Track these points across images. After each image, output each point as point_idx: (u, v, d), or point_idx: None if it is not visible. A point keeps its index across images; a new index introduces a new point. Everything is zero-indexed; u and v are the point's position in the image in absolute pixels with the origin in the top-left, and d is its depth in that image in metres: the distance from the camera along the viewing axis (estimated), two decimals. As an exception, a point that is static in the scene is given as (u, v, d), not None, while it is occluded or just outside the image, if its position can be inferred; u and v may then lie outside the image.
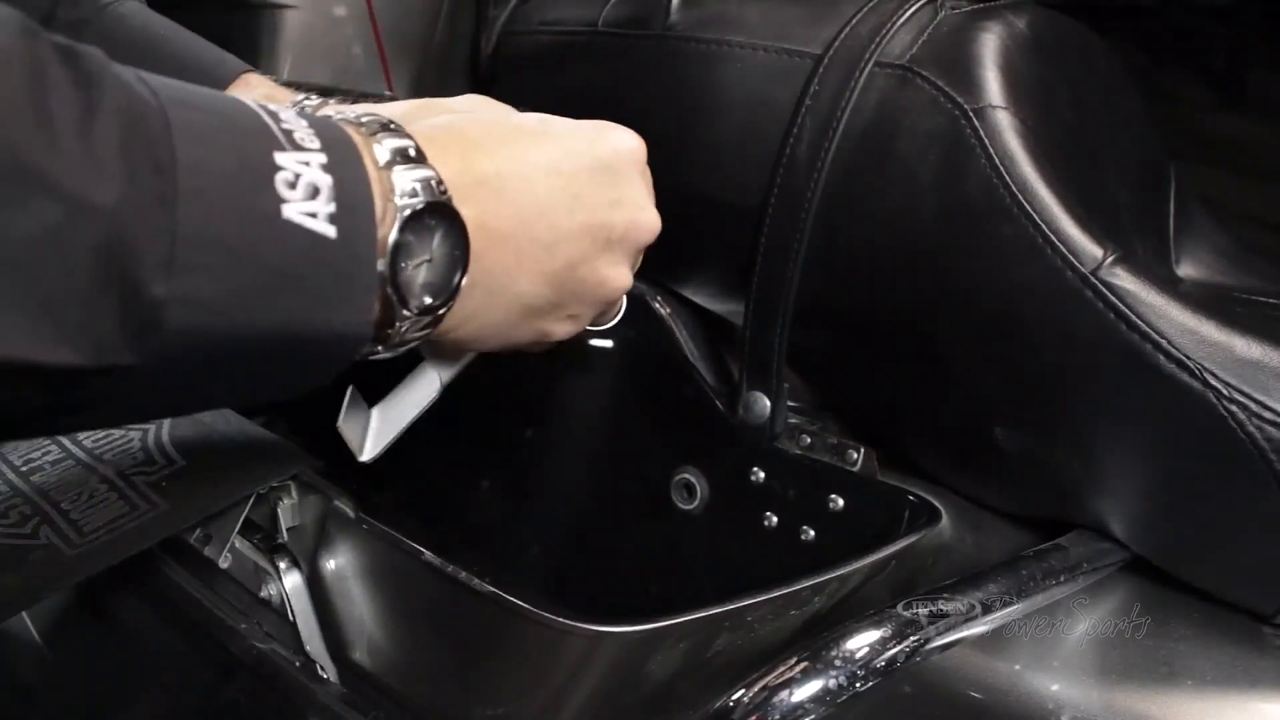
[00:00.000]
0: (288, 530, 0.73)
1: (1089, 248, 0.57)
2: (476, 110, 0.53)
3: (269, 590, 0.74)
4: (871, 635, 0.55)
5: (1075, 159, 0.65)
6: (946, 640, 0.57)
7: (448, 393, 0.56)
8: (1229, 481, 0.55)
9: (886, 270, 0.66)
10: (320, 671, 0.71)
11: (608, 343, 0.82)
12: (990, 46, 0.64)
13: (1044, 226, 0.58)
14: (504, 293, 0.48)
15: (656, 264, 0.82)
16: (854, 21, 0.69)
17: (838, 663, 0.54)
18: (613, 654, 0.59)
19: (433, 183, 0.42)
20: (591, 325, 0.57)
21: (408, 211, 0.41)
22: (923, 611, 0.56)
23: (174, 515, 0.68)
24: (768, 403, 0.73)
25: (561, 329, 0.54)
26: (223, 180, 0.35)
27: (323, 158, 0.38)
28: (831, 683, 0.54)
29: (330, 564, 0.71)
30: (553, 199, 0.49)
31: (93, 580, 0.66)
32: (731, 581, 0.62)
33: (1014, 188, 0.59)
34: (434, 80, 0.93)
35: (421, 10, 0.91)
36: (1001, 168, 0.60)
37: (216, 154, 0.35)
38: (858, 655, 0.55)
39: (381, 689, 0.69)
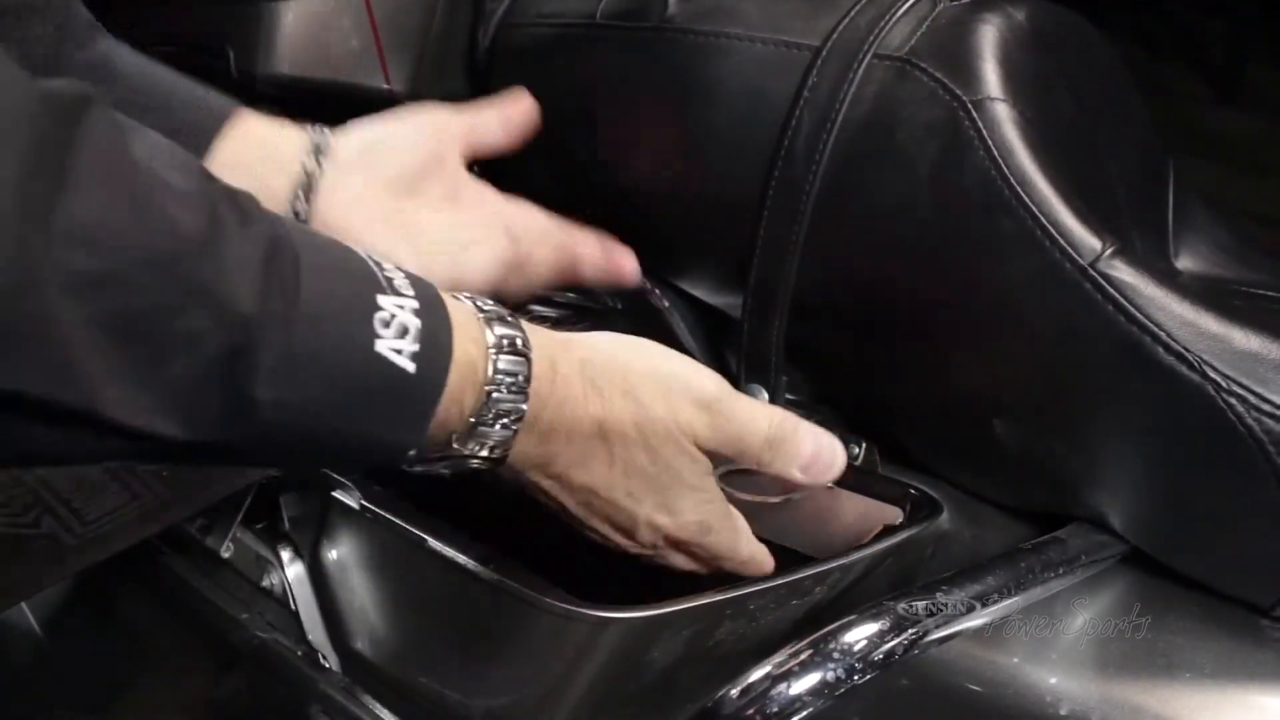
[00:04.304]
0: (290, 519, 0.73)
1: (1088, 240, 0.57)
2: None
3: (271, 580, 0.74)
4: (870, 628, 0.55)
5: (1074, 152, 0.66)
6: (945, 633, 0.57)
7: None
8: (1227, 474, 0.55)
9: (885, 263, 0.66)
10: (322, 661, 0.71)
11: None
12: (989, 39, 0.64)
13: (1042, 219, 0.58)
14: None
15: (654, 257, 0.82)
16: (852, 13, 0.69)
17: (836, 655, 0.54)
18: (616, 640, 0.59)
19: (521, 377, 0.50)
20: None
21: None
22: (921, 604, 0.56)
23: (176, 504, 0.68)
24: (766, 396, 0.73)
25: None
26: (334, 314, 0.42)
27: (415, 304, 0.45)
28: (829, 675, 0.54)
29: (332, 553, 0.71)
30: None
31: (93, 570, 0.66)
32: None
33: (1012, 180, 0.59)
34: (431, 73, 0.93)
35: (418, 2, 0.91)
36: (1000, 160, 0.60)
37: (332, 290, 0.42)
38: (856, 648, 0.55)
39: (384, 678, 0.69)
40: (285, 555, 0.72)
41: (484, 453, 0.50)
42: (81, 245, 0.35)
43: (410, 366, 0.44)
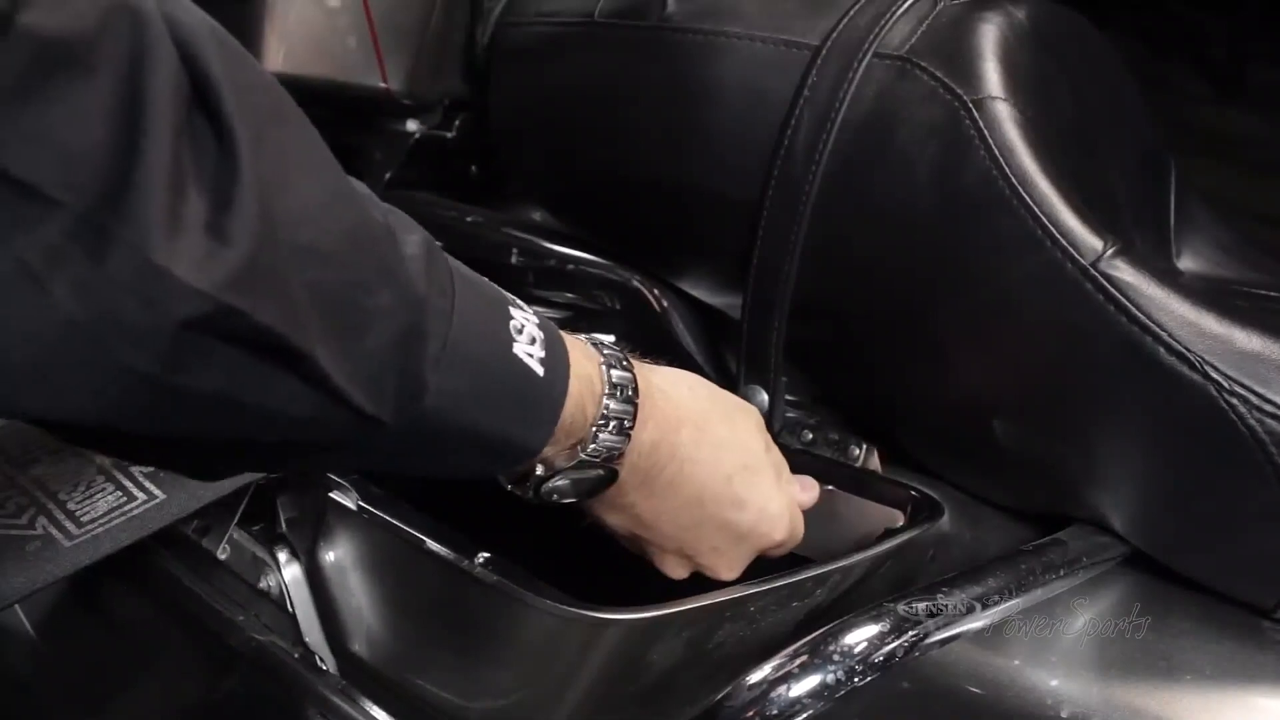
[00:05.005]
0: (287, 521, 0.73)
1: (1088, 239, 0.57)
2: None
3: (268, 581, 0.73)
4: (870, 630, 0.55)
5: (1075, 151, 0.65)
6: (945, 635, 0.57)
7: None
8: (1229, 474, 0.55)
9: (885, 262, 0.66)
10: (319, 663, 0.71)
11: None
12: (990, 38, 0.64)
13: (1043, 218, 0.58)
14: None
15: (653, 256, 0.82)
16: (852, 12, 0.69)
17: (836, 658, 0.54)
18: (615, 641, 0.59)
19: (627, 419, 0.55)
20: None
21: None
22: (921, 606, 0.56)
23: (171, 505, 0.68)
24: (765, 396, 0.73)
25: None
26: (481, 312, 0.47)
27: (535, 319, 0.50)
28: (830, 678, 0.54)
29: (329, 555, 0.71)
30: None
31: (88, 571, 0.65)
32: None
33: (1013, 179, 0.59)
34: (429, 72, 0.93)
35: (416, 1, 0.91)
36: (1001, 159, 0.59)
37: (477, 294, 0.48)
38: (856, 650, 0.54)
39: (382, 680, 0.69)
40: (282, 556, 0.72)
41: (609, 439, 0.54)
42: (302, 222, 0.40)
43: (540, 370, 0.49)
